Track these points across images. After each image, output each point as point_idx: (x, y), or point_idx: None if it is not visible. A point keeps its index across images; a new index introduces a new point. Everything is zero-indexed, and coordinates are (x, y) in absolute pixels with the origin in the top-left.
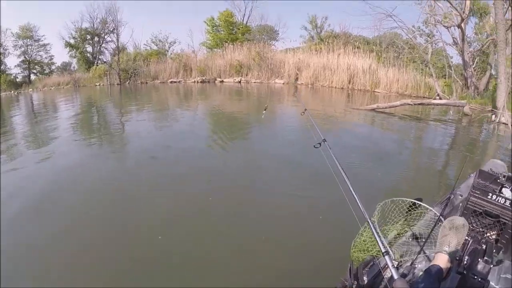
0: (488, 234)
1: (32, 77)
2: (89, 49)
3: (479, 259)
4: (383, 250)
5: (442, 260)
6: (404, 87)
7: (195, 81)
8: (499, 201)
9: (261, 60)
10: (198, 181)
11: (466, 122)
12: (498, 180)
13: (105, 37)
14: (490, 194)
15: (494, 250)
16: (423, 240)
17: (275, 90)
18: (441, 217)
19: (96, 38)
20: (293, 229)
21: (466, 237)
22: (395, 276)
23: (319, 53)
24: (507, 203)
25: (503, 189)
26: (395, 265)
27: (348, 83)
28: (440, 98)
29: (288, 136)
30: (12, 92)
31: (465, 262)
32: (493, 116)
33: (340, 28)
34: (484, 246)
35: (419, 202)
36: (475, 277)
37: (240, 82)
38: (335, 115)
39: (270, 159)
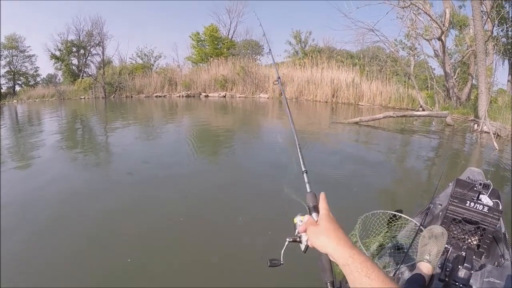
0: (470, 241)
1: (17, 88)
2: (75, 61)
3: (460, 266)
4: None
5: (423, 269)
6: (387, 100)
7: (180, 95)
8: (477, 208)
9: (246, 74)
10: (171, 200)
11: (449, 132)
12: (475, 188)
13: (91, 49)
14: (468, 202)
15: (474, 256)
16: (405, 250)
17: (259, 105)
18: (421, 227)
19: (81, 51)
20: (271, 246)
21: (447, 245)
22: (308, 190)
23: (303, 68)
24: (485, 209)
25: (481, 196)
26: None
27: (332, 97)
28: (423, 110)
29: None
30: None
31: (447, 270)
32: (475, 125)
33: (324, 43)
34: (464, 253)
35: (400, 214)
36: (457, 283)
37: (225, 96)
38: (317, 129)
39: (250, 176)
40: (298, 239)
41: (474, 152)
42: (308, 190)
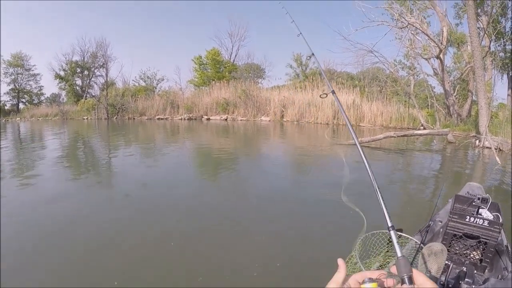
0: (472, 255)
1: (21, 106)
2: (79, 82)
3: (461, 282)
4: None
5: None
6: (388, 120)
7: (182, 118)
8: (477, 223)
9: (247, 97)
10: (165, 223)
11: (450, 149)
12: (474, 203)
13: (95, 71)
14: (468, 217)
15: (477, 271)
16: None
17: (261, 128)
18: (421, 245)
19: (85, 72)
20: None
21: (447, 262)
22: (399, 254)
23: (303, 90)
24: (486, 223)
25: (480, 210)
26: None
27: (333, 119)
28: (424, 128)
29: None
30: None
31: (449, 286)
32: (477, 141)
33: (324, 65)
34: (465, 269)
35: (400, 233)
36: None
37: (226, 119)
38: (317, 150)
39: (252, 199)
40: None
41: (476, 167)
42: (399, 254)
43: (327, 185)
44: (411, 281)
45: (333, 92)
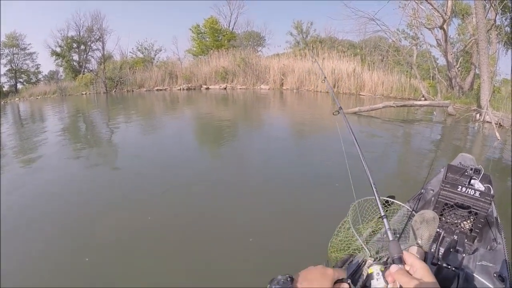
0: (462, 225)
1: (19, 86)
2: (76, 57)
3: (452, 250)
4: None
5: (416, 253)
6: (389, 90)
7: (180, 88)
8: (468, 193)
9: (246, 66)
10: (149, 198)
11: (450, 122)
12: (466, 173)
13: (91, 45)
14: (460, 187)
15: (467, 240)
16: (397, 235)
17: (261, 96)
18: (413, 212)
19: (82, 47)
20: (259, 239)
21: (438, 229)
22: (391, 238)
23: (303, 58)
24: (477, 194)
25: (472, 181)
26: (372, 260)
27: (333, 87)
28: (425, 99)
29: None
30: None
31: (439, 253)
32: (478, 115)
33: (325, 33)
34: (456, 237)
35: (392, 200)
36: (449, 266)
37: (225, 88)
38: (316, 119)
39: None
40: None
41: (475, 141)
42: (391, 238)
43: (326, 156)
44: (400, 261)
45: (341, 108)
